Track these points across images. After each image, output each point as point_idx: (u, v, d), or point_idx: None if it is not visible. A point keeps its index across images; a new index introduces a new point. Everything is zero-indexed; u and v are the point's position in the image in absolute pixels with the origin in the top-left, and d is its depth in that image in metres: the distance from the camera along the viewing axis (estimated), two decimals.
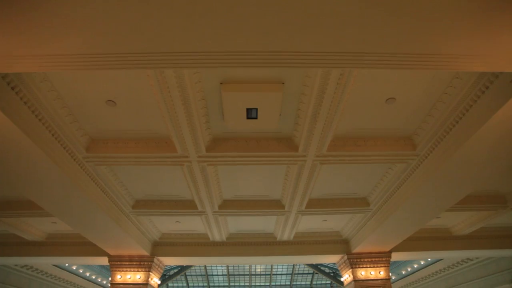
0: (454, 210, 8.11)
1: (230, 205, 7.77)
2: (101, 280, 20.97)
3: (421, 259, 17.52)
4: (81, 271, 19.02)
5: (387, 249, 9.63)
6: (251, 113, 4.58)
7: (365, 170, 6.40)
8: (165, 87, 4.21)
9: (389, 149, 5.58)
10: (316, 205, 7.75)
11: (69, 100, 4.58)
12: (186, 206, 7.71)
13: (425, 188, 5.97)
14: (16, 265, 15.41)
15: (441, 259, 17.17)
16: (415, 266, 19.18)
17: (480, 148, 4.69)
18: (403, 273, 20.41)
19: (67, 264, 17.23)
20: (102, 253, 9.62)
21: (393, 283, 17.91)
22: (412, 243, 9.81)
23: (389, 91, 4.53)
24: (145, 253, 9.54)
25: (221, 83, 4.30)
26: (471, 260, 16.37)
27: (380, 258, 9.69)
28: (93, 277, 20.36)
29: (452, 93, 4.49)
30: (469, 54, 3.38)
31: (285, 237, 9.80)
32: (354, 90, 4.43)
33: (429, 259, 17.47)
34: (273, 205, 7.79)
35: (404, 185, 6.56)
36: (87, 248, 9.77)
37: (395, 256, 10.13)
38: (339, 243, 10.12)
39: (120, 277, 9.64)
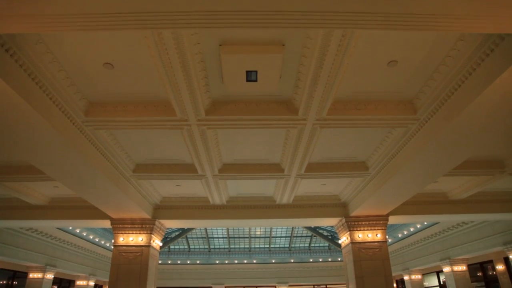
0: (452, 175, 8.19)
1: (230, 169, 7.81)
2: (105, 243, 21.54)
3: (418, 222, 17.91)
4: (84, 234, 19.50)
5: (385, 213, 9.80)
6: (250, 76, 4.51)
7: (365, 134, 6.40)
8: (163, 49, 4.12)
9: (390, 113, 5.54)
10: (315, 169, 7.80)
11: (65, 63, 4.50)
12: (186, 169, 7.77)
13: (424, 152, 5.98)
14: (21, 228, 15.78)
15: (437, 223, 17.55)
16: (411, 230, 19.62)
17: (481, 112, 4.66)
18: (399, 236, 20.93)
19: (70, 228, 17.63)
20: (104, 216, 9.80)
21: (389, 245, 18.40)
22: (410, 207, 9.98)
23: (391, 53, 4.44)
24: (147, 216, 9.71)
25: (220, 45, 4.20)
26: (466, 223, 16.75)
27: (377, 221, 9.88)
28: (97, 240, 20.90)
29: (456, 56, 4.40)
30: (476, 14, 3.29)
31: (284, 200, 9.94)
32: (356, 52, 4.34)
33: (425, 223, 17.87)
34: (273, 169, 7.83)
35: (403, 150, 6.58)
36: (90, 212, 9.94)
37: (392, 220, 10.32)
38: (337, 207, 10.28)
39: (123, 239, 9.88)
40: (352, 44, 4.11)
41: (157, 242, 10.46)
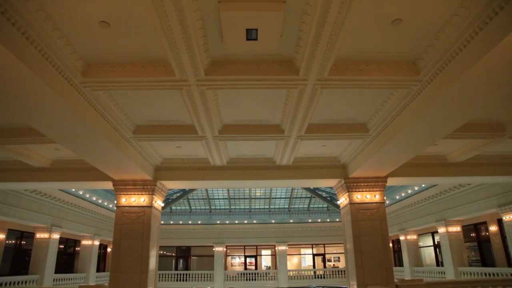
0: (451, 137, 8.19)
1: (230, 130, 7.80)
2: (107, 204, 21.98)
3: (416, 184, 18.17)
4: (87, 196, 19.86)
5: (384, 174, 9.90)
6: (251, 34, 4.40)
7: (366, 95, 6.34)
8: (160, 6, 3.98)
9: (392, 74, 5.46)
10: (315, 130, 7.78)
11: (60, 21, 4.35)
12: (186, 131, 7.75)
13: (425, 114, 5.95)
14: (25, 190, 16.04)
15: (434, 186, 17.81)
16: (409, 192, 19.93)
17: (485, 74, 4.57)
18: (397, 198, 21.30)
19: (73, 189, 17.93)
20: (106, 177, 9.91)
21: (387, 207, 18.75)
22: (408, 169, 10.06)
23: (396, 11, 4.29)
24: (148, 177, 9.82)
25: (219, 2, 4.06)
26: (463, 186, 17.00)
27: (376, 182, 10.00)
28: (100, 201, 21.32)
29: (463, 15, 4.25)
30: None
31: (284, 161, 10.01)
32: (359, 10, 4.19)
33: (423, 185, 18.13)
34: (273, 130, 7.82)
35: (404, 111, 6.54)
36: (92, 173, 10.04)
37: (391, 181, 10.44)
38: (337, 168, 10.36)
39: (125, 200, 10.05)
40: (356, 1, 3.97)
41: (158, 203, 10.65)
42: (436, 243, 23.61)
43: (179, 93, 6.05)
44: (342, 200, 10.61)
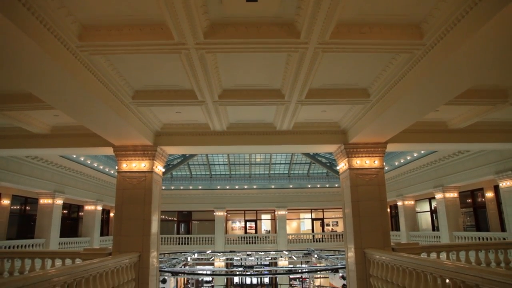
0: (453, 103, 8.13)
1: (230, 95, 7.71)
2: (109, 170, 22.20)
3: (415, 151, 18.28)
4: (88, 162, 20.04)
5: (383, 140, 9.90)
6: None
7: (368, 59, 6.22)
8: None
9: (395, 38, 5.33)
10: (316, 95, 7.69)
11: None
12: (186, 96, 7.67)
13: (427, 79, 5.85)
14: (27, 156, 16.16)
15: (433, 152, 17.93)
16: (408, 158, 20.08)
17: (490, 38, 4.45)
18: (396, 164, 21.48)
19: (74, 156, 18.07)
20: (106, 143, 9.93)
21: (386, 173, 18.91)
22: (408, 135, 10.05)
23: None
24: (148, 142, 9.83)
25: None
26: (462, 153, 17.14)
27: (375, 148, 10.02)
28: (101, 167, 21.53)
29: None
30: None
31: (285, 127, 9.97)
32: None
33: (422, 152, 18.25)
34: (273, 95, 7.73)
35: (406, 77, 6.44)
36: (92, 139, 10.04)
37: (391, 147, 10.46)
38: (337, 134, 10.34)
39: (126, 165, 10.12)
40: None
41: (159, 168, 10.74)
42: (432, 208, 24.06)
43: (178, 57, 5.93)
44: (342, 166, 10.68)
